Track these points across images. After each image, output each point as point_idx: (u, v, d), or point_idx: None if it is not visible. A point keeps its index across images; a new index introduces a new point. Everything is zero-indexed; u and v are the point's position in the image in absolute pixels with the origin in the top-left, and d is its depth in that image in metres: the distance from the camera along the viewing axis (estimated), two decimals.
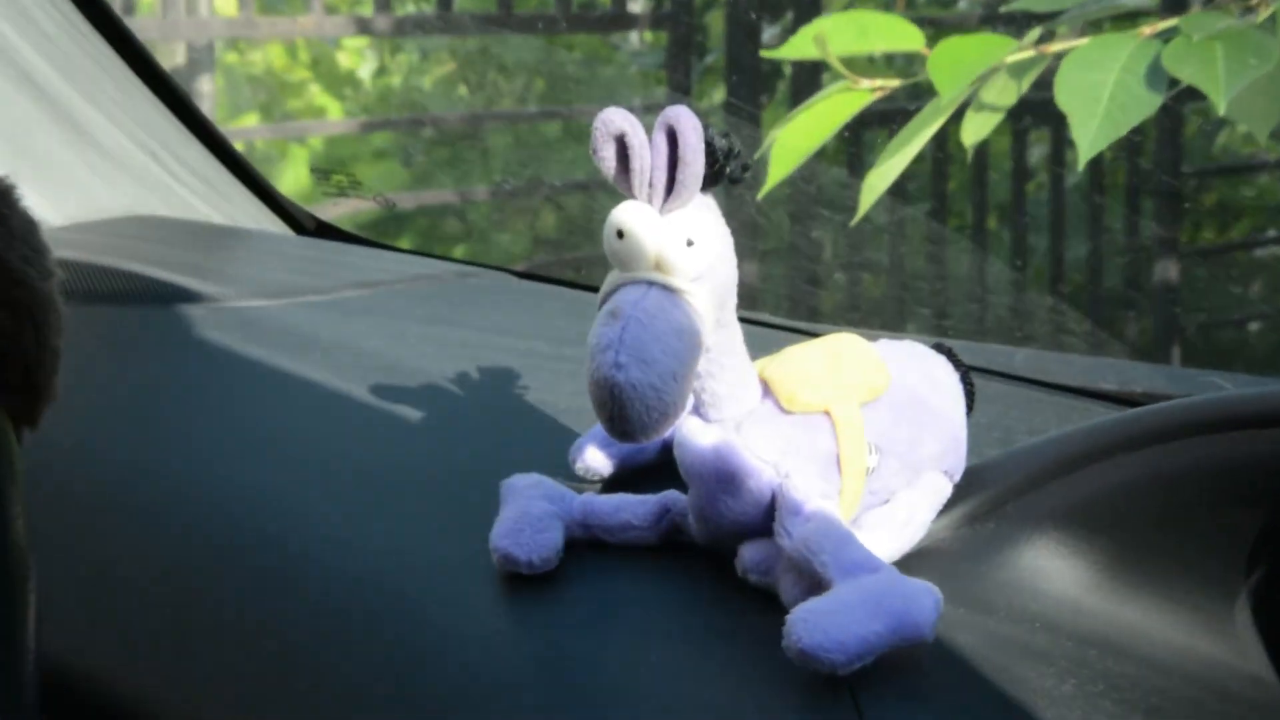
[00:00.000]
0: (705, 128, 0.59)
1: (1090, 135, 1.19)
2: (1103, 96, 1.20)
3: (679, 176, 0.58)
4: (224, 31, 3.40)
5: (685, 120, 0.58)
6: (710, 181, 0.60)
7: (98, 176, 1.24)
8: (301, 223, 1.34)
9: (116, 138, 1.25)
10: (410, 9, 3.77)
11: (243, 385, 0.90)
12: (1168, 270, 1.97)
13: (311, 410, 0.86)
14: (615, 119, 0.59)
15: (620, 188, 0.60)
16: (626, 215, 0.59)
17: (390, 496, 0.75)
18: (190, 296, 1.02)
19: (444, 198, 3.33)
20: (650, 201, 0.59)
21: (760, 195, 1.41)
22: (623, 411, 0.57)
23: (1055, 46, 1.32)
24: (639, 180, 0.59)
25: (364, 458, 0.79)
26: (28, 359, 0.45)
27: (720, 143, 0.60)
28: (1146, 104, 1.20)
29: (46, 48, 1.21)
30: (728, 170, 0.61)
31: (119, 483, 0.79)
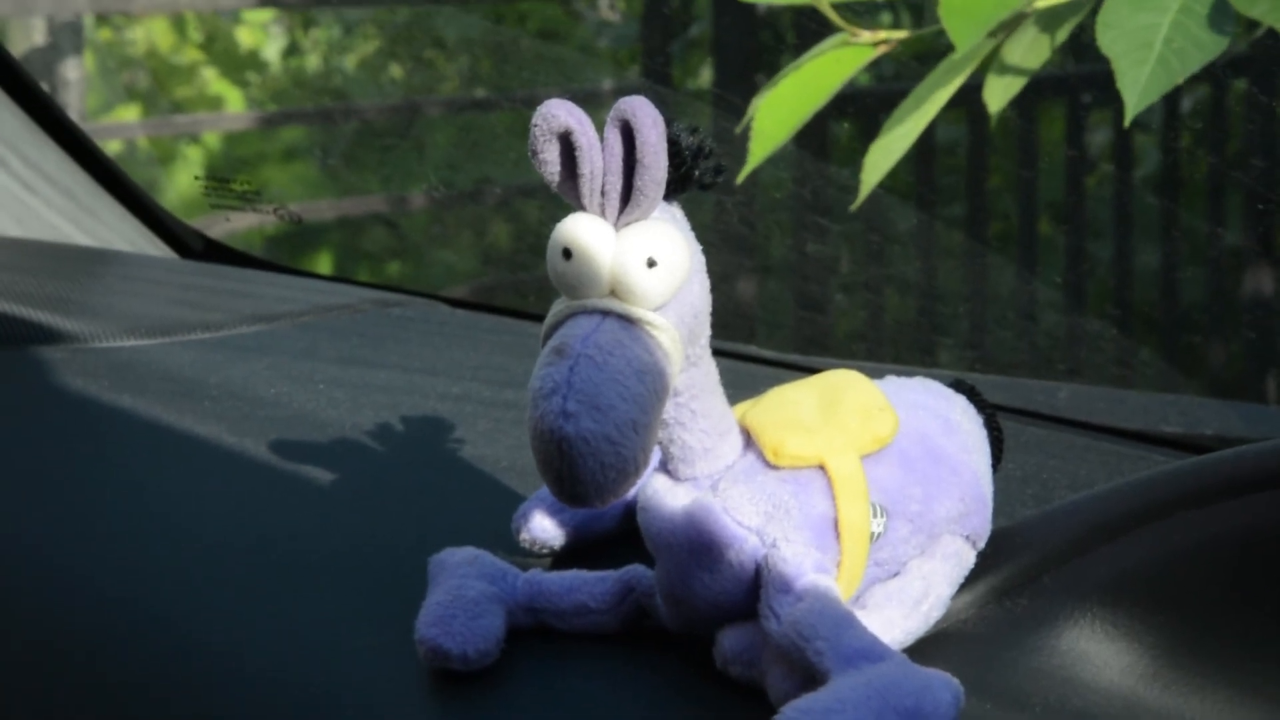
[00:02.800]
0: (669, 122, 0.60)
1: (1139, 85, 1.19)
2: (1155, 40, 1.20)
3: (637, 183, 0.59)
4: (93, 4, 3.41)
5: (642, 113, 0.59)
6: (676, 188, 0.61)
7: None
8: (187, 243, 1.34)
9: None
10: None
11: (115, 443, 0.91)
12: (1261, 283, 1.98)
13: (199, 472, 0.87)
14: (558, 113, 0.59)
15: (567, 197, 0.61)
16: (574, 231, 0.60)
17: (295, 577, 0.75)
18: (49, 336, 1.03)
19: (371, 206, 3.33)
20: (603, 214, 0.60)
21: (739, 179, 1.40)
22: (573, 470, 0.58)
23: None
24: (588, 188, 0.60)
25: (263, 529, 0.79)
26: None
27: (687, 140, 0.61)
28: (1209, 48, 1.20)
29: None
30: (696, 174, 0.62)
31: None
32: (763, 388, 0.68)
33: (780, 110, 1.34)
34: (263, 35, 3.80)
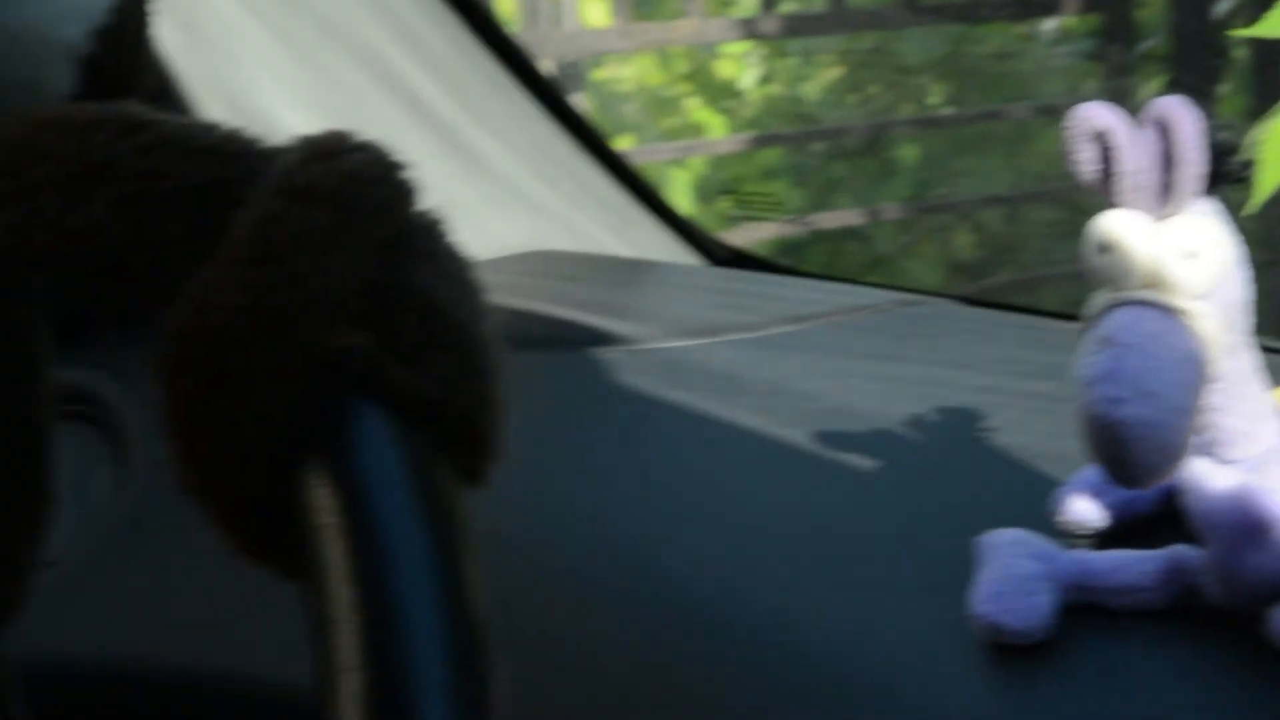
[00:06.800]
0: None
1: None
2: None
3: (1175, 178, 0.59)
4: (595, 44, 3.49)
5: (1180, 114, 0.58)
6: (1210, 183, 0.60)
7: (494, 208, 1.28)
8: (714, 252, 1.36)
9: (511, 164, 1.29)
10: (795, 6, 3.79)
11: (669, 434, 0.92)
12: None
13: (748, 459, 0.87)
14: (1096, 115, 0.59)
15: (1102, 194, 0.60)
16: (1114, 226, 0.59)
17: (848, 556, 0.76)
18: (604, 338, 1.05)
19: (845, 219, 3.33)
20: (1141, 209, 0.59)
21: (1253, 204, 1.34)
22: (1125, 453, 0.57)
23: None
24: (1128, 184, 0.59)
25: (815, 514, 0.80)
26: (466, 410, 0.45)
27: (1220, 136, 0.60)
28: None
29: (433, 67, 1.26)
30: (1227, 169, 0.60)
31: (555, 543, 0.83)
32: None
33: None
34: (740, 66, 3.85)
